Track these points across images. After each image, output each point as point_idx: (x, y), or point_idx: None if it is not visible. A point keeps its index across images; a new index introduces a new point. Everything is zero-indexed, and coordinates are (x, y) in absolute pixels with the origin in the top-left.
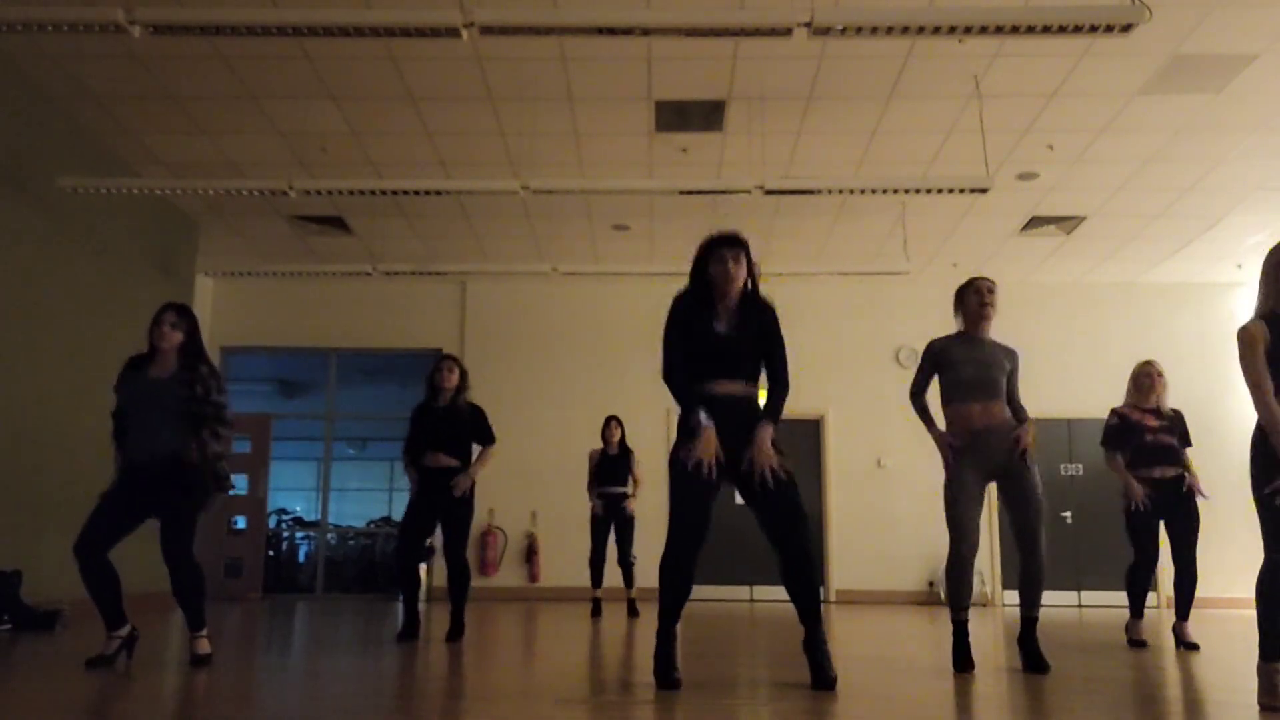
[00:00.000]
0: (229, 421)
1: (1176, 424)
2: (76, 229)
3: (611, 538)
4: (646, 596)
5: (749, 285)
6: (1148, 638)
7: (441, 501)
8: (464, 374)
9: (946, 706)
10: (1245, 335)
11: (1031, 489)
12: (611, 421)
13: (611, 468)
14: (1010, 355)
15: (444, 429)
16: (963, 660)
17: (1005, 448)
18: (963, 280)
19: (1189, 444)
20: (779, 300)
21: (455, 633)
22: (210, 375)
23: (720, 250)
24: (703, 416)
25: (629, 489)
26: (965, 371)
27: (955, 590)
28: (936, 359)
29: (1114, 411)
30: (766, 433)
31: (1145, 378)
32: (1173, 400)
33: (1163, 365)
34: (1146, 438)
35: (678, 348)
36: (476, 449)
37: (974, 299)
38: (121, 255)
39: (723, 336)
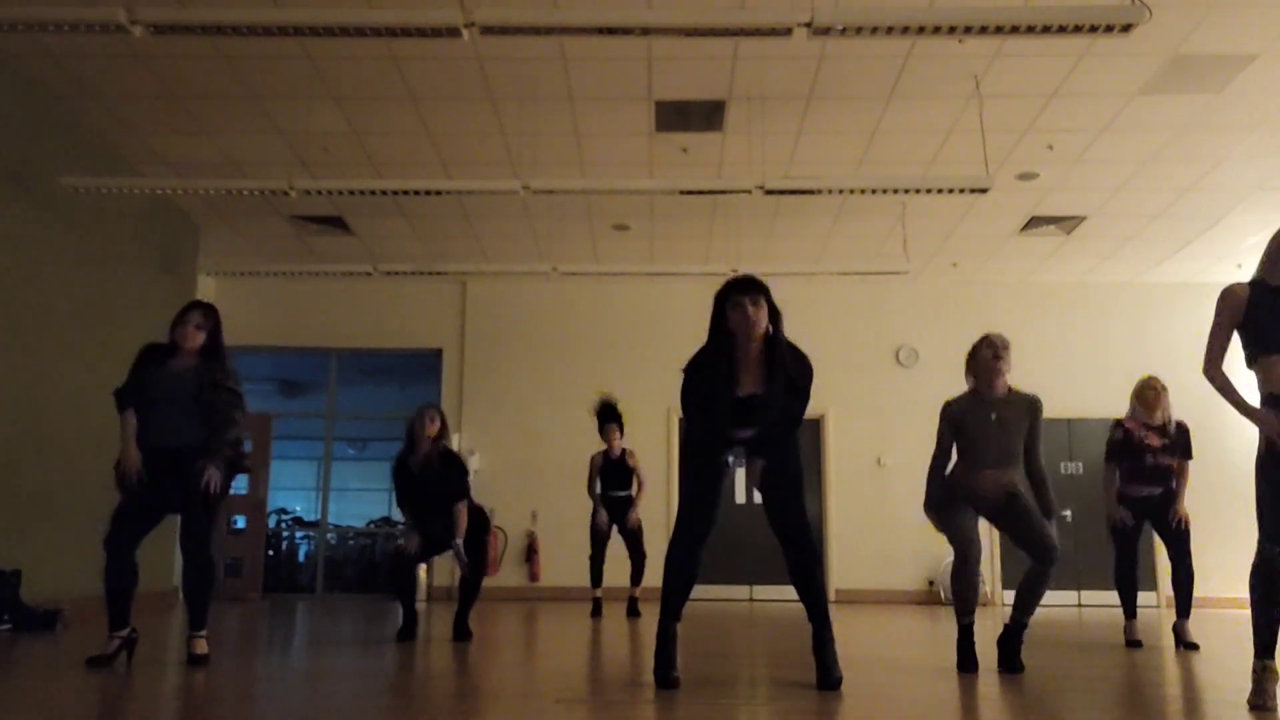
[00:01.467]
0: (244, 408)
1: (1179, 440)
2: (78, 228)
3: (618, 540)
4: (649, 597)
5: (771, 332)
6: (1147, 638)
7: (437, 541)
8: (445, 424)
9: (948, 706)
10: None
11: (1028, 516)
12: (611, 426)
13: (615, 471)
14: (1030, 407)
15: (425, 490)
16: (967, 661)
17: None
18: (975, 338)
19: (1189, 456)
20: (779, 300)
21: (461, 635)
22: (230, 370)
23: (737, 296)
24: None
25: (634, 491)
26: (981, 437)
27: (962, 596)
28: (955, 422)
29: (1119, 424)
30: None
31: (1149, 391)
32: (1172, 401)
33: (1164, 370)
34: (1146, 459)
35: (697, 418)
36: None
37: (986, 351)
38: (123, 255)
39: (744, 401)
